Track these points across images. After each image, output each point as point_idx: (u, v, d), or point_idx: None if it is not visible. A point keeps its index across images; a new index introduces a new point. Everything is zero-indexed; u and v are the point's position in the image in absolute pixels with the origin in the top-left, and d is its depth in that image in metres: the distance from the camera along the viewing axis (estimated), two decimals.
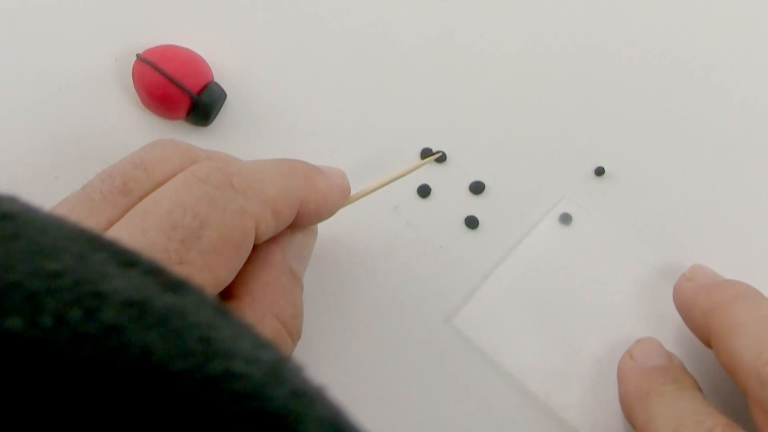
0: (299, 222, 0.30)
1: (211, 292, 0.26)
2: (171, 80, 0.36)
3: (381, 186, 0.33)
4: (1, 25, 0.38)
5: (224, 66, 0.38)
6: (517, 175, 0.37)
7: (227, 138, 0.37)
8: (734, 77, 0.39)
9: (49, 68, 0.37)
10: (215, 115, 0.37)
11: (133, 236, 0.25)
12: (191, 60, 0.37)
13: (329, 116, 0.38)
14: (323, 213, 0.31)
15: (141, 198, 0.26)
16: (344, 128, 0.38)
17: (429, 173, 0.37)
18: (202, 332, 0.15)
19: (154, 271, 0.17)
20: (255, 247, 0.28)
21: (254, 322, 0.27)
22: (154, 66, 0.36)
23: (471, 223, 0.36)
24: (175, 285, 0.16)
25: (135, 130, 0.37)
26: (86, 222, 0.26)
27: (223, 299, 0.28)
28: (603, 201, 0.37)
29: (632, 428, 0.32)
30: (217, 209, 0.26)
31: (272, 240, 0.29)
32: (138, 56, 0.36)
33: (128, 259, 0.17)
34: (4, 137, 0.36)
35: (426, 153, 0.37)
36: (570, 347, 0.35)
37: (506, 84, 0.38)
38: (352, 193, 0.32)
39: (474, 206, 0.37)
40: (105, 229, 0.26)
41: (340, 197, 0.31)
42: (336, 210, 0.31)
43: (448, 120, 0.38)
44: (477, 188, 0.37)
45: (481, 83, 0.38)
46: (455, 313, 0.35)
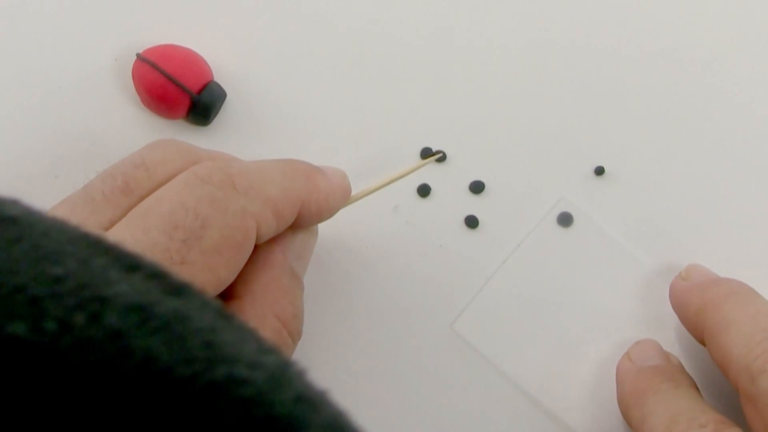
0: (300, 222, 0.30)
1: (212, 293, 0.26)
2: (171, 80, 0.35)
3: (382, 186, 0.34)
4: (1, 25, 0.38)
5: (224, 65, 0.38)
6: (517, 175, 0.37)
7: (227, 137, 0.37)
8: (734, 77, 0.39)
9: (49, 67, 0.37)
10: (215, 115, 0.37)
11: (135, 236, 0.25)
12: (191, 59, 0.37)
13: (329, 115, 0.38)
14: (324, 213, 0.31)
15: (142, 198, 0.26)
16: (344, 127, 0.37)
17: (429, 173, 0.37)
18: (206, 337, 0.15)
19: (157, 275, 0.17)
20: (256, 247, 0.28)
21: (254, 322, 0.27)
22: (154, 65, 0.36)
23: (471, 223, 0.36)
24: (178, 289, 0.16)
25: (135, 130, 0.37)
26: (88, 222, 0.26)
27: (224, 299, 0.28)
28: (603, 201, 0.37)
29: (629, 429, 0.32)
30: (219, 209, 0.26)
31: (273, 240, 0.29)
32: (138, 56, 0.36)
33: (131, 263, 0.17)
34: (4, 136, 0.36)
35: (426, 152, 0.37)
36: (569, 349, 0.35)
37: (506, 83, 0.38)
38: (353, 193, 0.32)
39: (474, 206, 0.37)
40: (107, 229, 0.26)
41: (341, 197, 0.31)
42: (337, 210, 0.31)
43: (448, 119, 0.38)
44: (477, 188, 0.37)
45: (481, 83, 0.38)
46: (455, 319, 0.35)
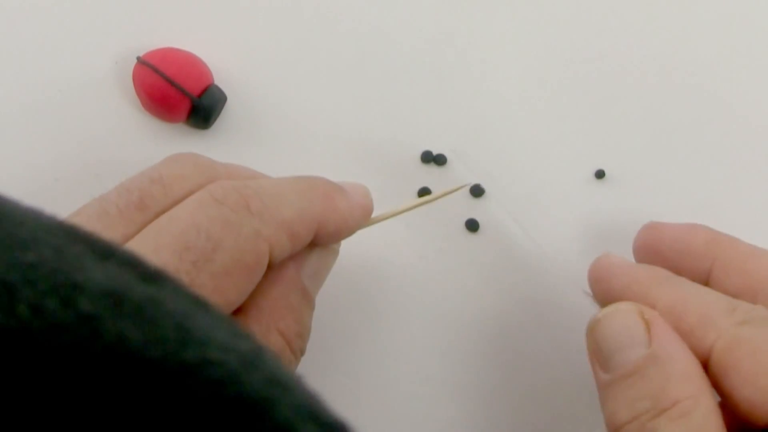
0: (318, 241, 0.29)
1: None
2: (171, 83, 0.36)
3: (405, 210, 0.32)
4: (1, 27, 0.38)
5: (224, 69, 0.38)
6: (518, 178, 0.37)
7: (227, 141, 0.37)
8: (734, 81, 0.38)
9: (49, 71, 0.37)
10: (215, 118, 0.37)
11: (145, 255, 0.25)
12: (191, 63, 0.37)
13: (329, 118, 0.38)
14: (343, 233, 0.30)
15: (157, 214, 0.26)
16: (344, 130, 0.37)
17: (429, 176, 0.37)
18: (178, 320, 0.15)
19: (131, 263, 0.17)
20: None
21: (257, 337, 0.27)
22: (155, 69, 0.36)
23: (471, 226, 0.36)
24: (152, 276, 0.17)
25: (135, 133, 0.37)
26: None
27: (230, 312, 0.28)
28: (603, 204, 0.36)
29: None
30: (231, 232, 0.25)
31: (289, 256, 0.28)
32: (138, 59, 0.36)
33: (105, 251, 0.17)
34: (5, 139, 0.36)
35: (426, 156, 0.37)
36: (572, 361, 0.34)
37: (507, 87, 0.38)
38: (374, 215, 0.31)
39: (474, 209, 0.36)
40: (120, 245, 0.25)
41: (361, 217, 0.30)
42: (357, 229, 0.30)
43: (449, 123, 0.38)
44: (477, 191, 0.37)
45: (482, 87, 0.38)
46: (457, 320, 0.35)
